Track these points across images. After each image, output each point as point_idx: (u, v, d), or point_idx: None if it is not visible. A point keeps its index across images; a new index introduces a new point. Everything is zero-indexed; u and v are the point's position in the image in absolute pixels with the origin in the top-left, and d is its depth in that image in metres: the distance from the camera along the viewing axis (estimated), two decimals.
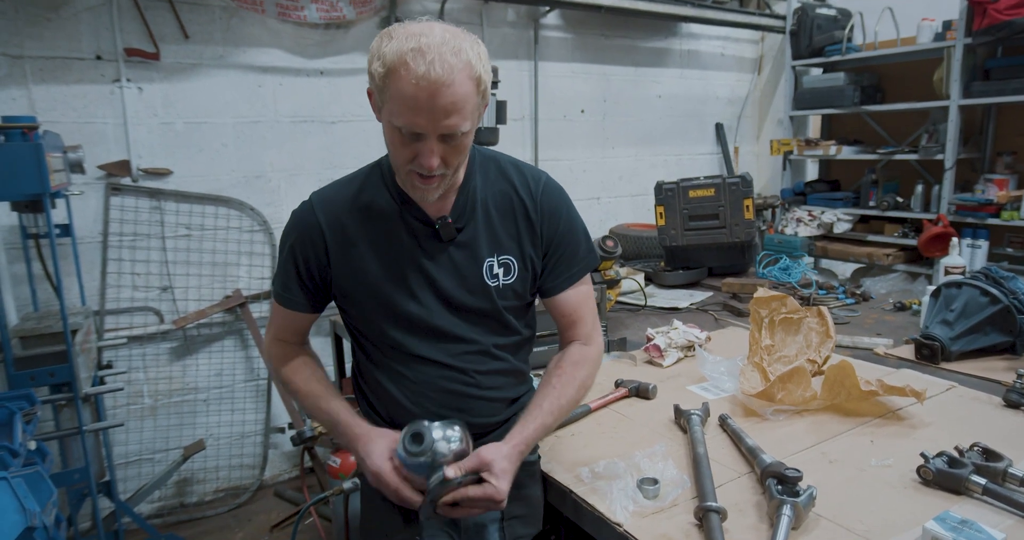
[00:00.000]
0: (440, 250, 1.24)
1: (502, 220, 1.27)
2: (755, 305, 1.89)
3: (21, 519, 1.13)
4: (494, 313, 1.28)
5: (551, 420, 1.23)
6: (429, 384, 1.27)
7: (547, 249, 1.30)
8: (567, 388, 1.26)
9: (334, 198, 1.26)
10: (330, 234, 1.24)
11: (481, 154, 1.30)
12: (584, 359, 1.32)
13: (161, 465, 3.04)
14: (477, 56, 1.07)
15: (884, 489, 1.25)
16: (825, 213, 4.26)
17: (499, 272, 1.26)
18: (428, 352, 1.26)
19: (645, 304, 2.70)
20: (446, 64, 1.02)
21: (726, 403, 1.69)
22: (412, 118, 1.05)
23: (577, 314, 1.34)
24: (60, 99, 2.69)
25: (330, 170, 3.30)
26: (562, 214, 1.30)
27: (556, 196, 1.31)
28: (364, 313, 1.27)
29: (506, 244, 1.27)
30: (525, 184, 1.28)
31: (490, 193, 1.27)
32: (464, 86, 1.05)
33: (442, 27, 1.07)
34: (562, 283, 1.32)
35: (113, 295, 2.90)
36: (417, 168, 1.11)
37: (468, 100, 1.07)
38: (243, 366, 3.24)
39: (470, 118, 1.09)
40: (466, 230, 1.25)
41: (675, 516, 1.19)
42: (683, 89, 4.53)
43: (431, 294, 1.24)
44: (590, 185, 4.23)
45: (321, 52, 3.21)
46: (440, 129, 1.06)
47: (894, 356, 2.03)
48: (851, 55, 4.05)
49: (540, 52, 3.84)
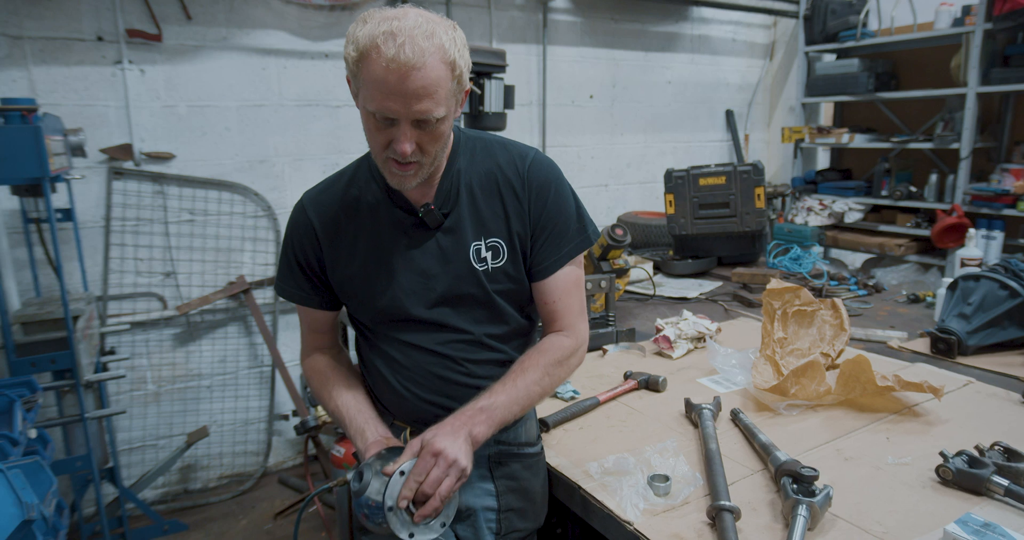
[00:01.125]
0: (427, 238, 1.21)
1: (488, 201, 1.21)
2: (768, 297, 1.85)
3: (18, 512, 1.10)
4: (485, 299, 1.22)
5: (503, 399, 1.13)
6: (419, 370, 1.25)
7: (535, 226, 1.22)
8: (527, 373, 1.17)
9: (323, 196, 1.26)
10: (322, 232, 1.24)
11: (466, 135, 1.26)
12: (554, 347, 1.23)
13: (165, 451, 3.04)
14: (451, 40, 1.04)
15: (902, 489, 1.22)
16: (836, 202, 4.20)
17: (487, 256, 1.21)
18: (418, 340, 1.24)
19: (654, 294, 2.66)
20: (417, 47, 0.99)
21: (738, 397, 1.66)
22: (383, 102, 1.03)
23: (563, 302, 1.25)
24: (61, 81, 2.65)
25: (335, 155, 3.25)
26: (551, 188, 1.23)
27: (545, 170, 1.23)
28: (356, 304, 1.27)
29: (493, 226, 1.21)
30: (511, 161, 1.23)
31: (475, 174, 1.22)
32: (436, 70, 1.02)
33: (417, 12, 1.04)
34: (551, 265, 1.23)
35: (116, 280, 2.87)
36: (392, 154, 1.08)
37: (440, 85, 1.03)
38: (247, 352, 3.22)
39: (444, 104, 1.05)
40: (451, 215, 1.21)
41: (687, 514, 1.16)
42: (693, 75, 4.46)
43: (419, 284, 1.21)
44: (598, 172, 4.18)
45: (326, 34, 3.15)
46: (412, 114, 1.04)
47: (908, 350, 1.99)
48: (866, 41, 3.97)
49: (549, 36, 3.77)
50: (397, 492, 1.03)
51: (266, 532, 2.85)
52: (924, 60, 3.95)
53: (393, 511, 1.03)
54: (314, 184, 1.31)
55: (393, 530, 1.03)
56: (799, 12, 4.32)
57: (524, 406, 1.17)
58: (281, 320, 3.24)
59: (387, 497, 1.03)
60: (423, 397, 1.25)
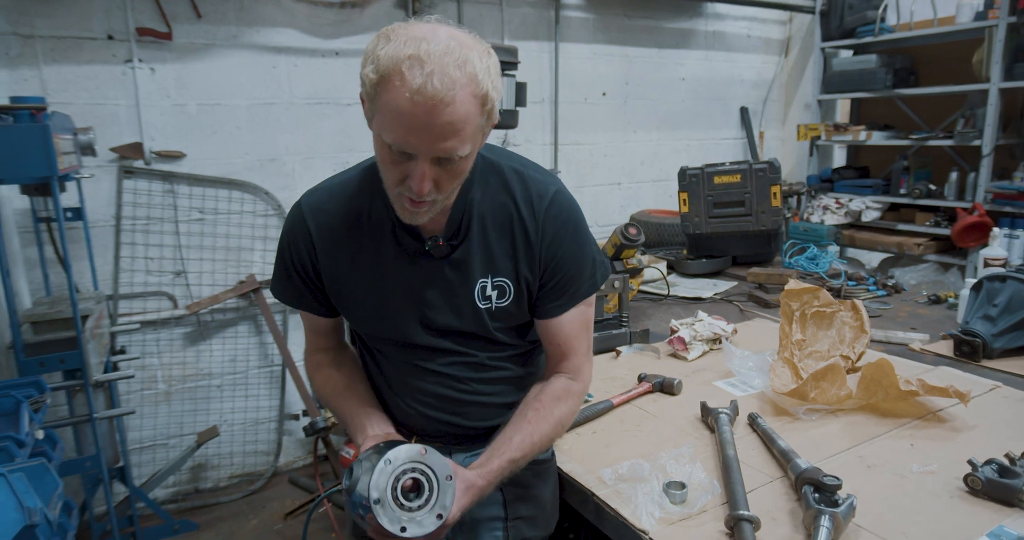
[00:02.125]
0: (432, 268, 1.14)
1: (499, 238, 1.13)
2: (786, 298, 1.80)
3: (20, 517, 1.09)
4: (485, 334, 1.18)
5: (519, 456, 1.11)
6: (422, 388, 1.21)
7: (544, 272, 1.15)
8: (542, 423, 1.14)
9: (326, 206, 1.16)
10: (320, 244, 1.15)
11: (483, 161, 1.14)
12: (567, 394, 1.20)
13: (175, 451, 3.03)
14: (485, 69, 0.93)
15: (928, 498, 1.18)
16: (853, 201, 4.13)
17: (492, 294, 1.14)
18: (420, 361, 1.20)
19: (668, 293, 2.62)
20: (447, 78, 0.88)
21: (755, 400, 1.61)
22: (404, 136, 0.92)
23: (568, 345, 1.20)
24: (72, 80, 2.65)
25: (345, 153, 3.23)
26: (566, 238, 1.14)
27: (563, 216, 1.14)
28: (354, 320, 1.23)
29: (501, 265, 1.14)
30: (528, 200, 1.12)
31: (488, 207, 1.12)
32: (466, 105, 0.91)
33: (447, 33, 0.92)
34: (557, 308, 1.18)
35: (126, 279, 2.87)
36: (406, 191, 0.99)
37: (469, 121, 0.93)
38: (257, 352, 3.21)
39: (470, 141, 0.96)
40: (460, 248, 1.13)
41: (704, 524, 1.13)
42: (707, 71, 4.40)
43: (419, 314, 1.15)
44: (611, 170, 4.14)
45: (336, 32, 3.13)
46: (435, 151, 0.94)
47: (931, 352, 1.94)
48: (884, 36, 3.90)
49: (561, 33, 3.73)
50: (384, 483, 0.95)
51: (276, 532, 2.84)
52: (944, 55, 3.88)
53: (380, 504, 0.95)
54: (317, 183, 1.22)
55: (382, 524, 0.94)
56: (815, 7, 4.26)
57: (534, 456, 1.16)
58: (291, 319, 3.23)
59: (371, 488, 0.95)
60: (427, 414, 1.22)
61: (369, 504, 0.94)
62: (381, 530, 0.95)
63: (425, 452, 0.99)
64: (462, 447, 1.26)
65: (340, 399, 1.22)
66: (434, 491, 0.98)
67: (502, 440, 1.12)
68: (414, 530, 0.95)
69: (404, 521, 0.95)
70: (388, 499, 0.95)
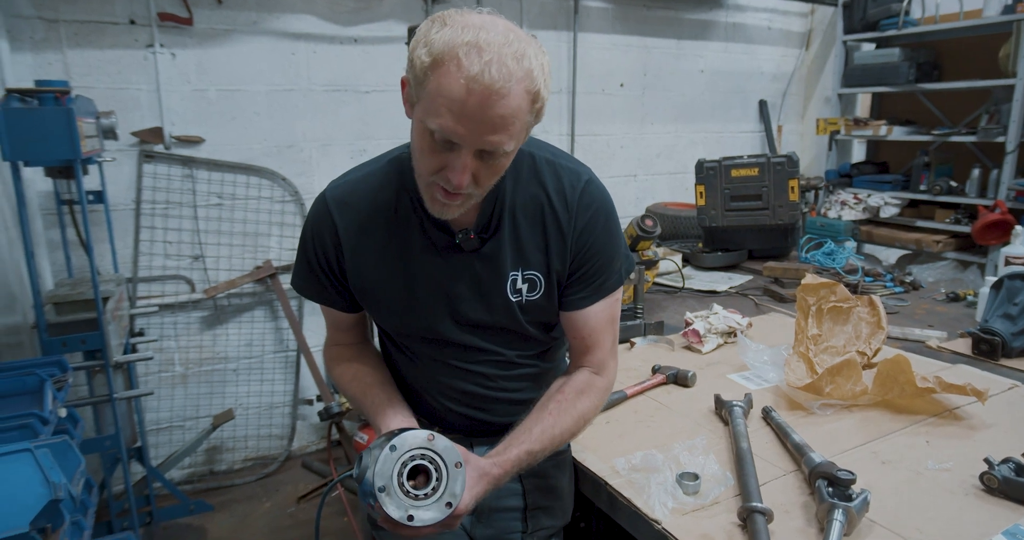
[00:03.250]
0: (462, 262, 1.12)
1: (530, 230, 1.12)
2: (802, 292, 1.79)
3: (46, 492, 1.11)
4: (516, 328, 1.17)
5: (538, 448, 1.08)
6: (449, 384, 1.20)
7: (573, 261, 1.14)
8: (563, 416, 1.12)
9: (351, 197, 1.14)
10: (345, 236, 1.13)
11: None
12: (590, 388, 1.18)
13: (192, 433, 3.08)
14: (540, 67, 0.91)
15: (943, 495, 1.17)
16: (872, 196, 4.09)
17: (523, 287, 1.13)
18: (447, 358, 1.19)
19: (683, 286, 2.61)
20: (505, 69, 0.86)
21: (769, 394, 1.61)
22: (451, 124, 0.89)
23: (593, 338, 1.19)
24: (94, 64, 2.67)
25: (363, 141, 3.24)
26: (597, 228, 1.13)
27: (595, 205, 1.13)
28: (379, 315, 1.21)
29: (532, 258, 1.12)
30: (560, 190, 1.11)
31: (520, 199, 1.11)
32: (519, 99, 0.89)
33: (506, 25, 0.91)
34: (584, 299, 1.16)
35: (146, 263, 2.90)
36: (442, 182, 0.96)
37: (519, 117, 0.91)
38: (272, 337, 3.24)
39: (516, 138, 0.94)
40: (491, 241, 1.11)
41: (717, 515, 1.13)
42: (726, 64, 4.36)
43: (449, 308, 1.14)
44: (627, 162, 4.12)
45: (355, 19, 3.13)
46: (481, 144, 0.91)
47: (948, 350, 1.92)
48: (908, 29, 3.83)
49: (580, 23, 3.71)
50: (390, 470, 0.92)
51: (289, 515, 2.88)
52: (970, 49, 3.81)
53: (386, 492, 0.92)
54: (340, 175, 1.19)
55: (388, 513, 0.91)
56: (838, 0, 4.20)
57: (553, 450, 1.13)
58: (307, 305, 3.25)
59: (376, 476, 0.92)
60: (453, 409, 1.22)
61: (375, 492, 0.92)
62: (389, 519, 0.92)
63: (432, 438, 0.96)
64: (483, 440, 1.25)
65: (363, 391, 1.19)
66: (443, 479, 0.95)
67: (521, 430, 1.10)
68: (422, 518, 0.93)
69: (411, 509, 0.93)
70: (394, 487, 0.93)
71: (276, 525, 2.81)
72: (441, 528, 0.96)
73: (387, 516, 0.92)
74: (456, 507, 0.95)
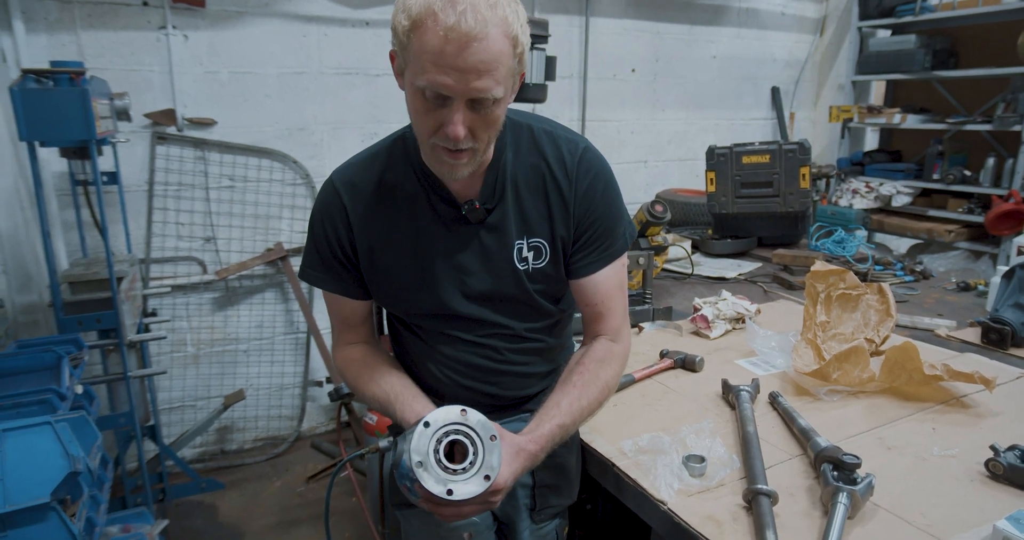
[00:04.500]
0: (469, 234, 1.15)
1: (532, 199, 1.15)
2: (811, 279, 1.80)
3: (65, 464, 1.14)
4: (524, 298, 1.19)
5: (569, 421, 1.10)
6: (458, 359, 1.23)
7: (578, 227, 1.17)
8: (589, 387, 1.14)
9: (358, 179, 1.17)
10: (355, 217, 1.16)
11: (513, 123, 1.16)
12: (610, 356, 1.20)
13: (203, 412, 3.12)
14: (515, 14, 0.95)
15: (948, 481, 1.18)
16: (884, 185, 4.06)
17: (528, 255, 1.16)
18: (456, 332, 1.21)
19: (692, 273, 2.61)
20: (480, 16, 0.90)
21: (776, 380, 1.62)
22: (437, 76, 0.93)
23: (606, 304, 1.21)
24: (108, 45, 2.68)
25: (373, 124, 3.24)
26: (598, 192, 1.17)
27: (594, 170, 1.17)
28: (388, 297, 1.22)
29: (536, 226, 1.16)
30: (559, 158, 1.15)
31: (520, 169, 1.15)
32: (498, 43, 0.93)
33: None
34: (591, 264, 1.19)
35: (158, 244, 2.93)
36: (442, 141, 1.00)
37: (502, 61, 0.94)
38: (283, 319, 3.27)
39: (503, 83, 0.97)
40: (495, 211, 1.15)
41: (722, 497, 1.15)
42: (739, 50, 4.32)
43: (458, 280, 1.16)
44: (638, 148, 4.10)
45: (366, 2, 3.12)
46: (469, 92, 0.94)
47: (957, 339, 1.92)
48: (925, 15, 3.79)
49: (592, 7, 3.68)
50: (425, 446, 0.93)
51: (298, 494, 2.92)
52: (987, 37, 3.76)
53: (423, 467, 0.92)
54: (346, 160, 1.21)
55: (428, 488, 0.91)
56: None
57: (583, 421, 1.16)
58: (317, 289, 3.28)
59: (413, 452, 0.92)
60: (463, 384, 1.24)
61: (413, 468, 0.91)
62: (429, 496, 0.92)
63: (465, 413, 0.96)
64: (493, 416, 1.26)
65: (382, 382, 1.18)
66: (479, 452, 0.95)
67: (550, 405, 1.11)
68: (462, 492, 0.92)
69: (450, 483, 0.92)
70: (431, 461, 0.92)
71: (286, 504, 2.86)
72: (481, 505, 0.98)
73: (427, 492, 0.92)
74: (495, 481, 0.95)
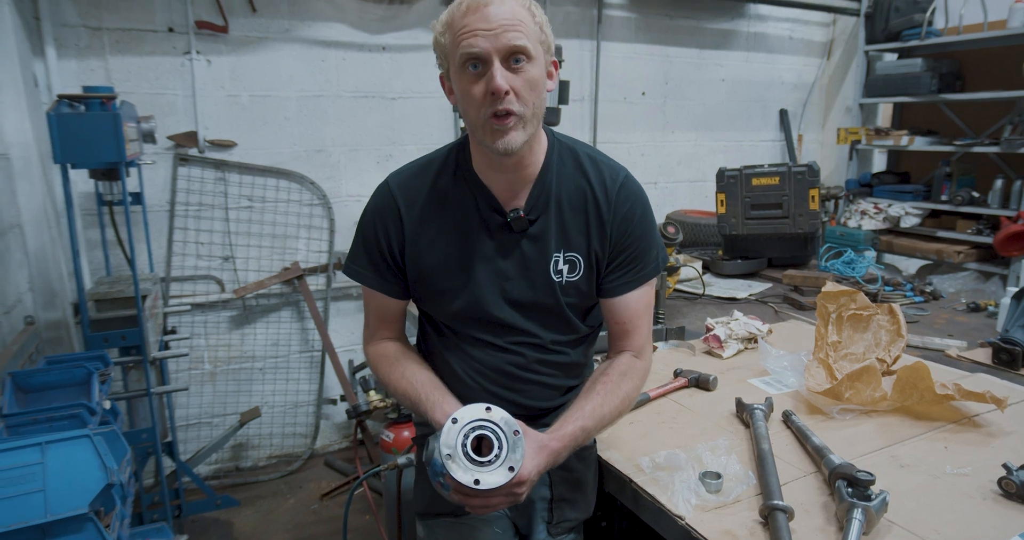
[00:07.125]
0: (511, 241, 1.23)
1: (573, 215, 1.24)
2: (823, 299, 1.82)
3: (103, 476, 1.18)
4: (556, 309, 1.26)
5: (591, 424, 1.17)
6: (486, 363, 1.28)
7: (613, 248, 1.25)
8: (611, 397, 1.21)
9: (412, 183, 1.25)
10: (408, 219, 1.23)
11: (560, 144, 1.26)
12: (632, 370, 1.27)
13: (219, 429, 3.15)
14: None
15: (961, 499, 1.20)
16: (892, 206, 4.09)
17: (564, 268, 1.24)
18: (488, 337, 1.27)
19: (703, 293, 2.65)
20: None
21: (789, 399, 1.65)
22: (470, 40, 1.05)
23: (633, 323, 1.29)
24: (134, 70, 2.77)
25: (389, 146, 3.31)
26: (635, 217, 1.25)
27: (633, 197, 1.26)
28: (429, 299, 1.28)
29: (575, 241, 1.24)
30: (602, 182, 1.24)
31: (564, 186, 1.23)
32: (514, 6, 1.07)
33: None
34: (623, 286, 1.27)
35: (178, 263, 2.99)
36: (490, 106, 1.07)
37: (523, 19, 1.07)
38: (299, 337, 3.31)
39: (530, 40, 1.08)
40: (538, 222, 1.22)
41: (739, 512, 1.17)
42: (748, 73, 4.39)
43: (496, 287, 1.23)
44: (648, 169, 4.16)
45: (384, 27, 3.21)
46: (500, 46, 1.05)
47: (968, 359, 1.94)
48: (931, 40, 3.84)
49: (603, 32, 3.76)
50: (454, 440, 1.01)
51: (312, 511, 2.94)
52: (993, 60, 3.81)
53: (452, 459, 1.00)
54: (399, 166, 1.30)
55: (457, 479, 0.99)
56: (860, 10, 4.21)
57: (603, 429, 1.22)
58: (332, 307, 3.33)
59: (442, 446, 1.00)
60: (488, 389, 1.28)
61: (443, 461, 0.99)
62: (459, 487, 1.00)
63: (489, 410, 1.04)
64: None
65: (412, 378, 1.23)
66: (504, 446, 1.02)
67: (574, 409, 1.18)
68: (488, 482, 1.00)
69: (477, 474, 1.00)
70: (459, 454, 1.00)
71: (300, 521, 2.87)
72: (507, 497, 1.04)
73: (456, 483, 1.00)
74: (519, 473, 1.02)
